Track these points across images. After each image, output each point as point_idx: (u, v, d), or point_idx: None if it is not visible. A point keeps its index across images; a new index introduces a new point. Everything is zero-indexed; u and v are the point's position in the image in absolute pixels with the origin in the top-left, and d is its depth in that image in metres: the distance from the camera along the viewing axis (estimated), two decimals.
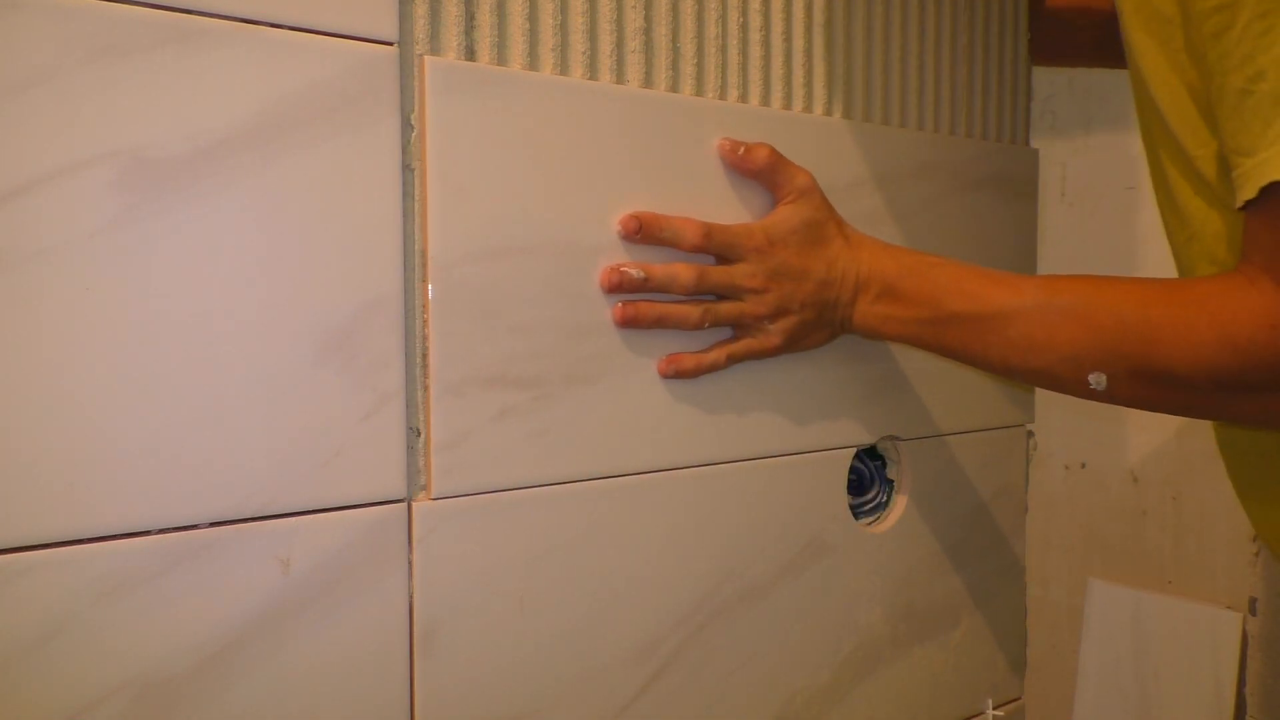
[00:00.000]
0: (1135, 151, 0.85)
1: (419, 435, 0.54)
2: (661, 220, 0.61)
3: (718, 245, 0.62)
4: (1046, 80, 0.92)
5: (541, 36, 0.58)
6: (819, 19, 0.73)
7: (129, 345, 0.45)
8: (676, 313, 0.61)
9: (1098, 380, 0.54)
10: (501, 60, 0.57)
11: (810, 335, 0.66)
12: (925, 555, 0.81)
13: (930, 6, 0.81)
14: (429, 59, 0.53)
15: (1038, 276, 0.60)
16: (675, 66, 0.65)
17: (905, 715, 0.81)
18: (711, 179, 0.65)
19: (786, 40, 0.71)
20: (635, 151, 0.61)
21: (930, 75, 0.81)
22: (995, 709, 0.89)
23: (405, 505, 0.53)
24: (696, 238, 0.61)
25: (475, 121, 0.54)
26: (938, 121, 0.82)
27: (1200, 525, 0.83)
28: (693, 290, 0.61)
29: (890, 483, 0.80)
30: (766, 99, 0.70)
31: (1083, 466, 0.90)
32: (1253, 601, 0.79)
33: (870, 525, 0.78)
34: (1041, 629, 0.93)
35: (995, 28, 0.87)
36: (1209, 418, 0.56)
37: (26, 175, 0.42)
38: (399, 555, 0.53)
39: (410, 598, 0.53)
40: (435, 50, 0.54)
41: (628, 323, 0.60)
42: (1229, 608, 0.80)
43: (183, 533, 0.47)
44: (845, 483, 0.75)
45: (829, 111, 0.74)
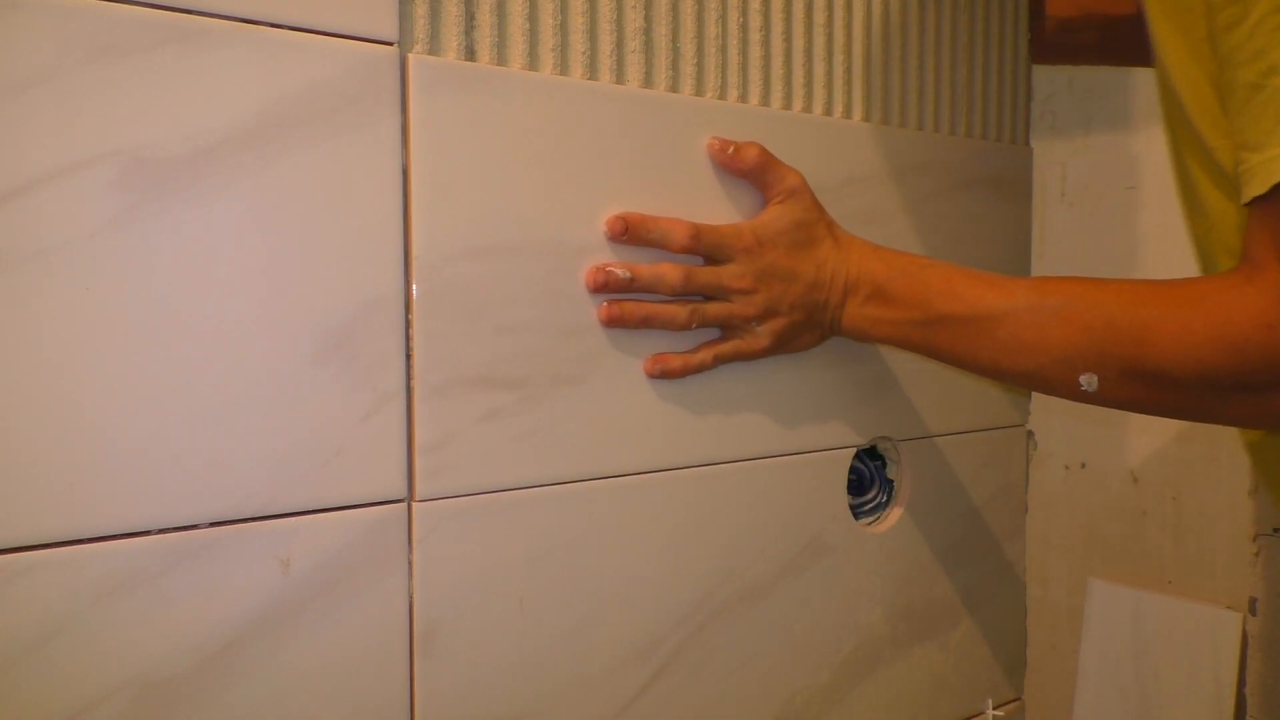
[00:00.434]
0: (1135, 151, 0.85)
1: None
2: (649, 221, 0.60)
3: (706, 246, 0.61)
4: (1046, 80, 0.92)
5: (541, 36, 0.58)
6: (819, 19, 0.73)
7: (129, 345, 0.45)
8: (663, 313, 0.60)
9: (1089, 381, 0.53)
10: (501, 60, 0.57)
11: (799, 337, 0.65)
12: (925, 555, 0.81)
13: (930, 7, 0.81)
14: (413, 57, 0.52)
15: (1028, 278, 0.60)
16: (675, 66, 0.65)
17: (905, 715, 0.81)
18: (703, 179, 0.65)
19: (786, 40, 0.71)
20: (625, 151, 0.61)
21: (930, 75, 0.81)
22: (995, 709, 0.89)
23: (405, 505, 0.53)
24: (685, 238, 0.60)
25: (461, 120, 0.54)
26: (938, 121, 0.82)
27: (1200, 525, 0.83)
28: (680, 291, 0.60)
29: (890, 483, 0.80)
30: (766, 99, 0.70)
31: (1083, 466, 0.90)
32: (1253, 601, 0.79)
33: (870, 525, 0.78)
34: (1041, 629, 0.93)
35: (995, 28, 0.87)
36: (1200, 419, 0.56)
37: (26, 175, 0.42)
38: (399, 555, 0.53)
39: (410, 598, 0.53)
40: (435, 50, 0.54)
41: (613, 322, 0.59)
42: (1229, 608, 0.80)
43: (183, 533, 0.47)
44: (845, 483, 0.75)
45: (828, 111, 0.74)
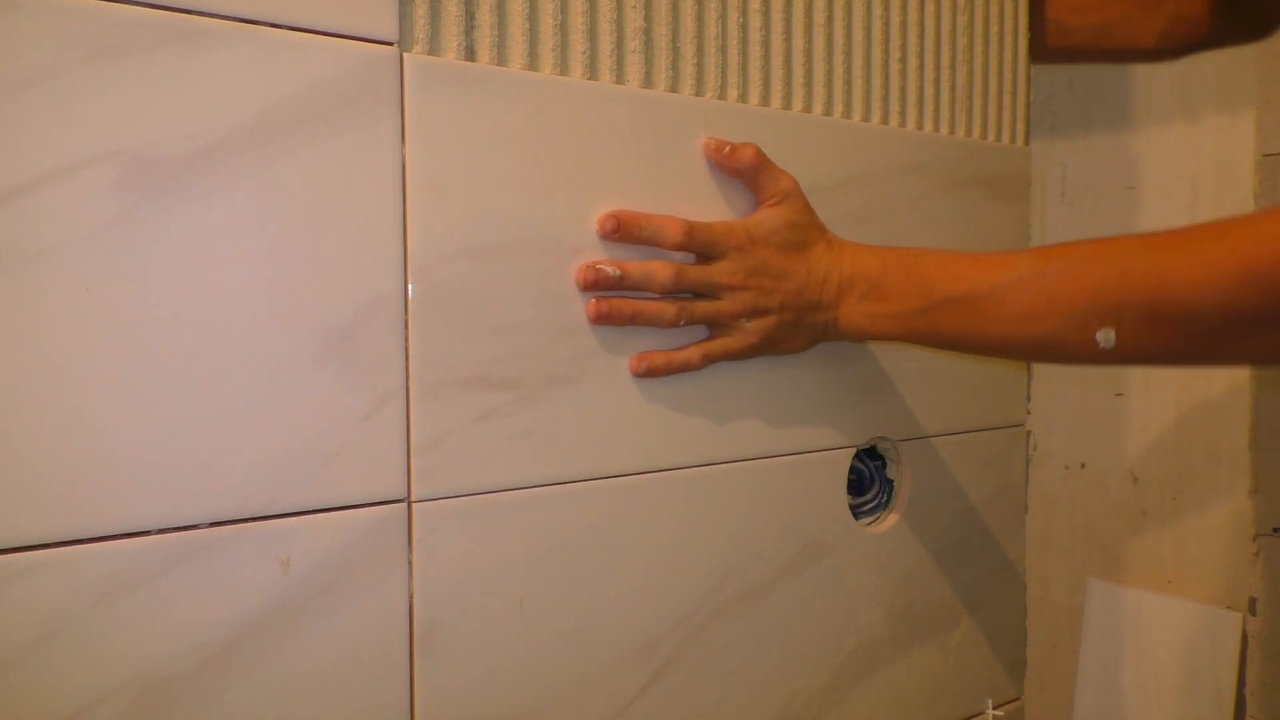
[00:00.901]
0: (1135, 151, 0.85)
1: None
2: (641, 219, 0.60)
3: (699, 243, 0.61)
4: (1046, 80, 0.92)
5: (541, 36, 0.58)
6: (819, 19, 0.73)
7: (129, 345, 0.45)
8: (651, 310, 0.60)
9: (1105, 337, 0.51)
10: (501, 60, 0.57)
11: (789, 339, 0.65)
12: (925, 555, 0.81)
13: (930, 7, 0.81)
14: (408, 57, 0.53)
15: (1030, 249, 0.58)
16: (675, 66, 0.65)
17: (905, 715, 0.81)
18: (702, 180, 0.65)
19: (786, 40, 0.71)
20: (624, 151, 0.61)
21: (930, 75, 0.81)
22: (995, 709, 0.89)
23: (405, 505, 0.53)
24: (678, 236, 0.60)
25: (456, 120, 0.54)
26: (937, 122, 0.82)
27: (1200, 525, 0.83)
28: (670, 288, 0.60)
29: (890, 483, 0.80)
30: (766, 99, 0.70)
31: (1083, 466, 0.90)
32: (1253, 601, 0.79)
33: (870, 525, 0.78)
34: (1041, 629, 0.93)
35: (995, 28, 0.87)
36: (1219, 362, 0.54)
37: (26, 175, 0.42)
38: (399, 555, 0.53)
39: (410, 598, 0.53)
40: (435, 50, 0.54)
41: (601, 319, 0.59)
42: (1229, 608, 0.80)
43: (183, 533, 0.47)
44: (845, 483, 0.75)
45: (828, 112, 0.74)
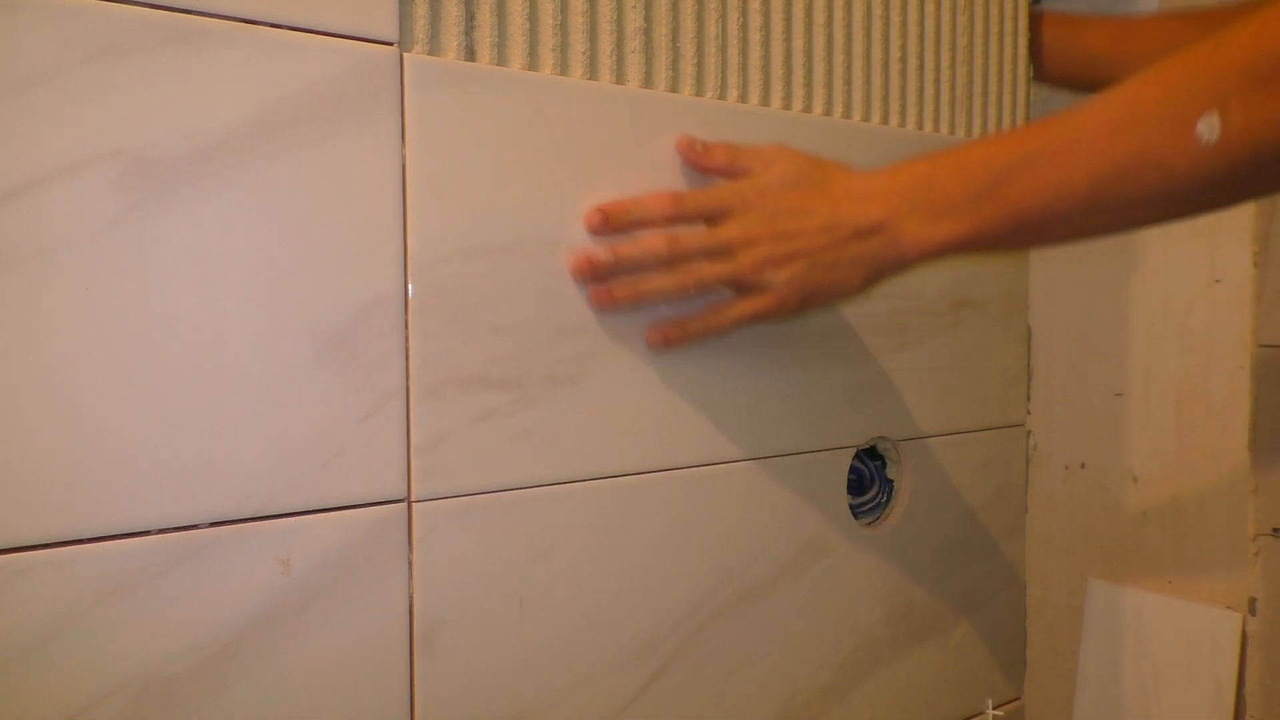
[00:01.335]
0: None
1: None
2: (626, 204, 0.56)
3: (694, 210, 0.57)
4: None
5: (541, 36, 0.58)
6: (819, 19, 0.73)
7: (129, 345, 0.45)
8: (656, 286, 0.56)
9: (1209, 125, 0.43)
10: (501, 60, 0.57)
11: (836, 280, 0.56)
12: (925, 555, 0.81)
13: (930, 7, 0.81)
14: (408, 57, 0.53)
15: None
16: (675, 66, 0.65)
17: (905, 715, 0.81)
18: (700, 178, 0.65)
19: (786, 40, 0.71)
20: (621, 151, 0.61)
21: (930, 76, 0.81)
22: (995, 709, 0.89)
23: (405, 505, 0.53)
24: (668, 208, 0.56)
25: (456, 120, 0.54)
26: (937, 122, 0.82)
27: (1200, 525, 0.83)
28: (668, 258, 0.56)
29: (890, 483, 0.80)
30: (766, 99, 0.70)
31: (1083, 466, 0.90)
32: (1253, 601, 0.79)
33: (870, 525, 0.78)
34: (1041, 629, 0.93)
35: (995, 28, 0.87)
36: None
37: (26, 175, 0.42)
38: (399, 555, 0.53)
39: (410, 598, 0.53)
40: (435, 50, 0.54)
41: (604, 306, 0.56)
42: (1229, 608, 0.80)
43: (183, 533, 0.47)
44: (845, 483, 0.75)
45: (828, 112, 0.74)
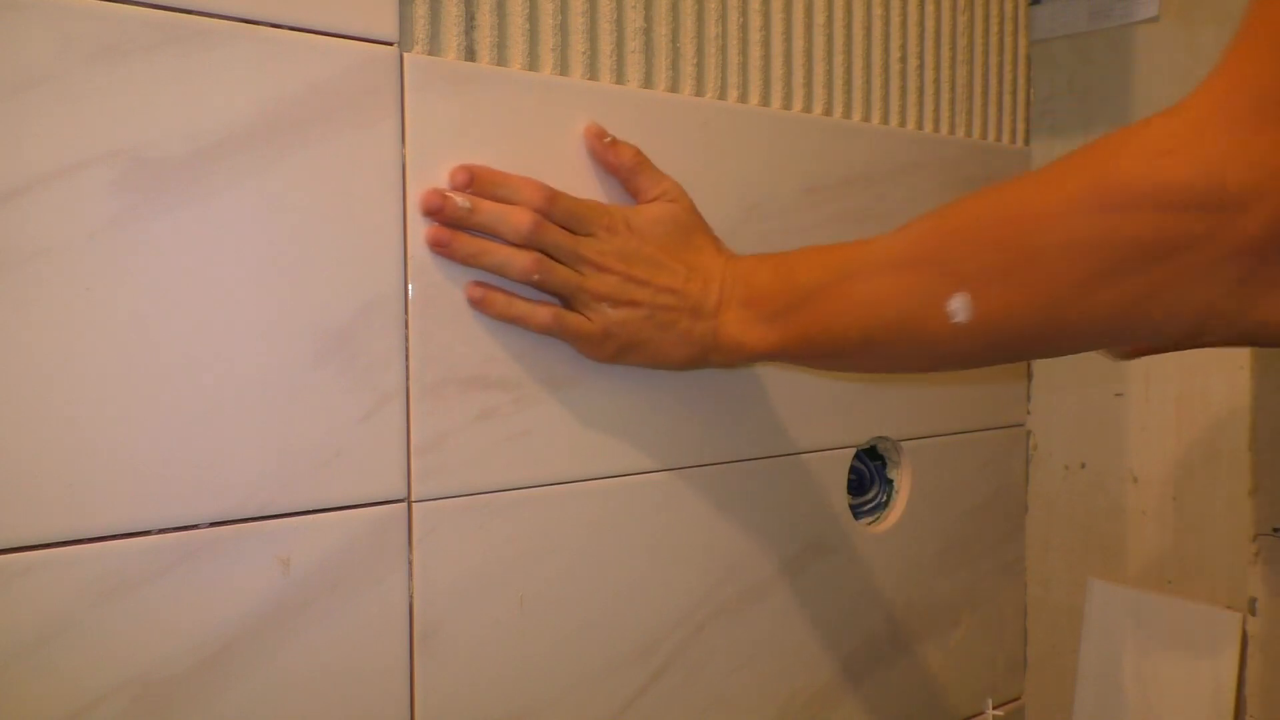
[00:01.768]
0: None
1: None
2: (498, 175, 0.54)
3: (563, 213, 0.55)
4: (1046, 80, 0.92)
5: (541, 36, 0.58)
6: (819, 19, 0.73)
7: (129, 345, 0.45)
8: (500, 253, 0.54)
9: (960, 305, 0.43)
10: (501, 60, 0.57)
11: (661, 343, 0.57)
12: (925, 555, 0.81)
13: (930, 7, 0.81)
14: (408, 56, 0.53)
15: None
16: (675, 66, 0.65)
17: (905, 715, 0.81)
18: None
19: (786, 40, 0.71)
20: None
21: (930, 76, 0.81)
22: (995, 709, 0.89)
23: (405, 505, 0.53)
24: (538, 199, 0.54)
25: (456, 119, 0.54)
26: (937, 122, 0.82)
27: (1200, 525, 0.83)
28: (526, 237, 0.53)
29: (890, 483, 0.80)
30: (766, 99, 0.70)
31: (1083, 466, 0.90)
32: (1253, 601, 0.79)
33: (870, 525, 0.78)
34: (1041, 629, 0.93)
35: (995, 28, 0.87)
36: (1079, 331, 0.44)
37: (26, 175, 0.42)
38: (399, 555, 0.53)
39: (410, 598, 0.53)
40: (435, 50, 0.54)
41: (438, 247, 0.53)
42: (1229, 608, 0.80)
43: (183, 533, 0.47)
44: (845, 483, 0.75)
45: (828, 111, 0.74)
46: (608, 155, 0.59)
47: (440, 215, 0.53)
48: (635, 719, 0.63)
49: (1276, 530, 0.78)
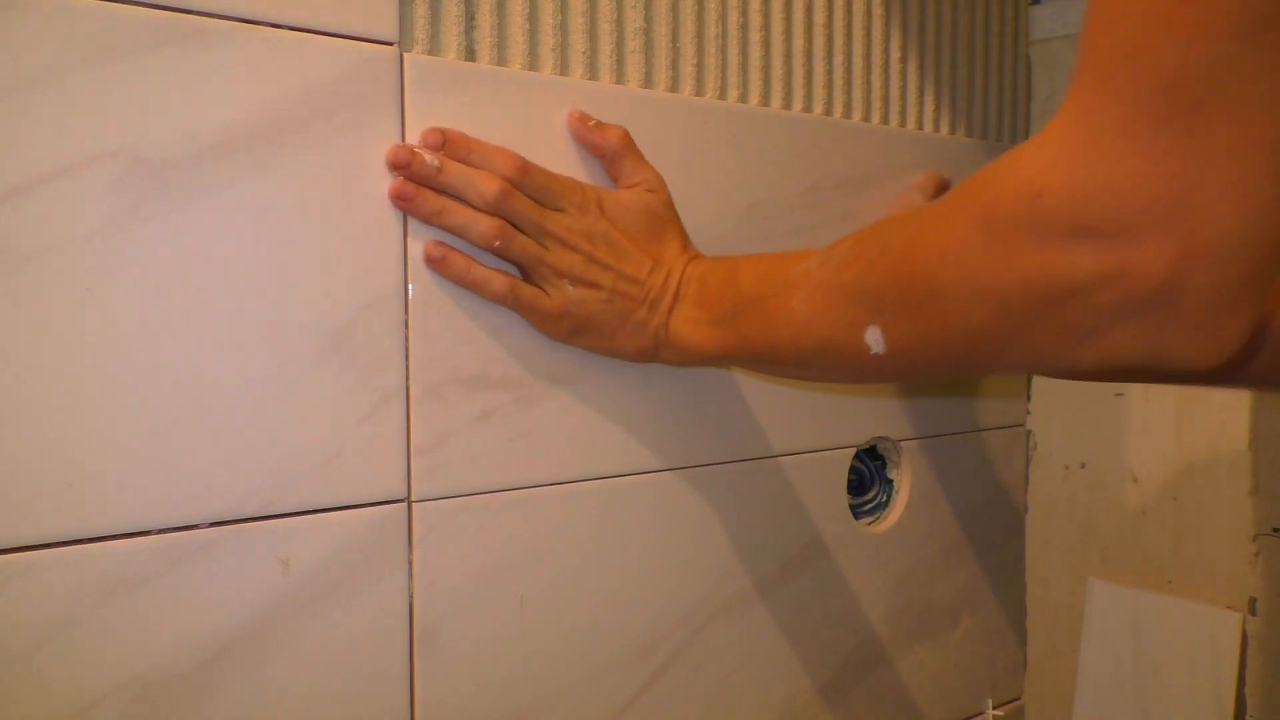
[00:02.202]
0: None
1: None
2: (471, 141, 0.53)
3: (534, 185, 0.54)
4: (1046, 80, 0.92)
5: (541, 36, 0.58)
6: (819, 19, 0.73)
7: (129, 345, 0.45)
8: (463, 214, 0.53)
9: (874, 339, 0.43)
10: (501, 60, 0.57)
11: (614, 330, 0.56)
12: (925, 555, 0.81)
13: (930, 7, 0.81)
14: (408, 57, 0.53)
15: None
16: (675, 66, 0.65)
17: (905, 715, 0.81)
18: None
19: (786, 40, 0.71)
20: None
21: (930, 75, 0.81)
22: (995, 709, 0.89)
23: (405, 505, 0.53)
24: (510, 169, 0.53)
25: (456, 119, 0.54)
26: (938, 122, 0.82)
27: (1200, 525, 0.83)
28: (492, 203, 0.52)
29: (890, 483, 0.80)
30: (766, 99, 0.70)
31: (1083, 466, 0.90)
32: (1253, 601, 0.79)
33: (870, 525, 0.78)
34: (1041, 629, 0.93)
35: (995, 28, 0.87)
36: (996, 367, 0.43)
37: (26, 175, 0.42)
38: (399, 555, 0.53)
39: (410, 598, 0.53)
40: (435, 50, 0.54)
41: (400, 200, 0.52)
42: (1229, 608, 0.80)
43: (183, 533, 0.47)
44: (845, 483, 0.75)
45: (829, 111, 0.74)
46: (593, 137, 0.59)
47: (406, 170, 0.52)
48: (635, 719, 0.63)
49: (1276, 530, 0.78)
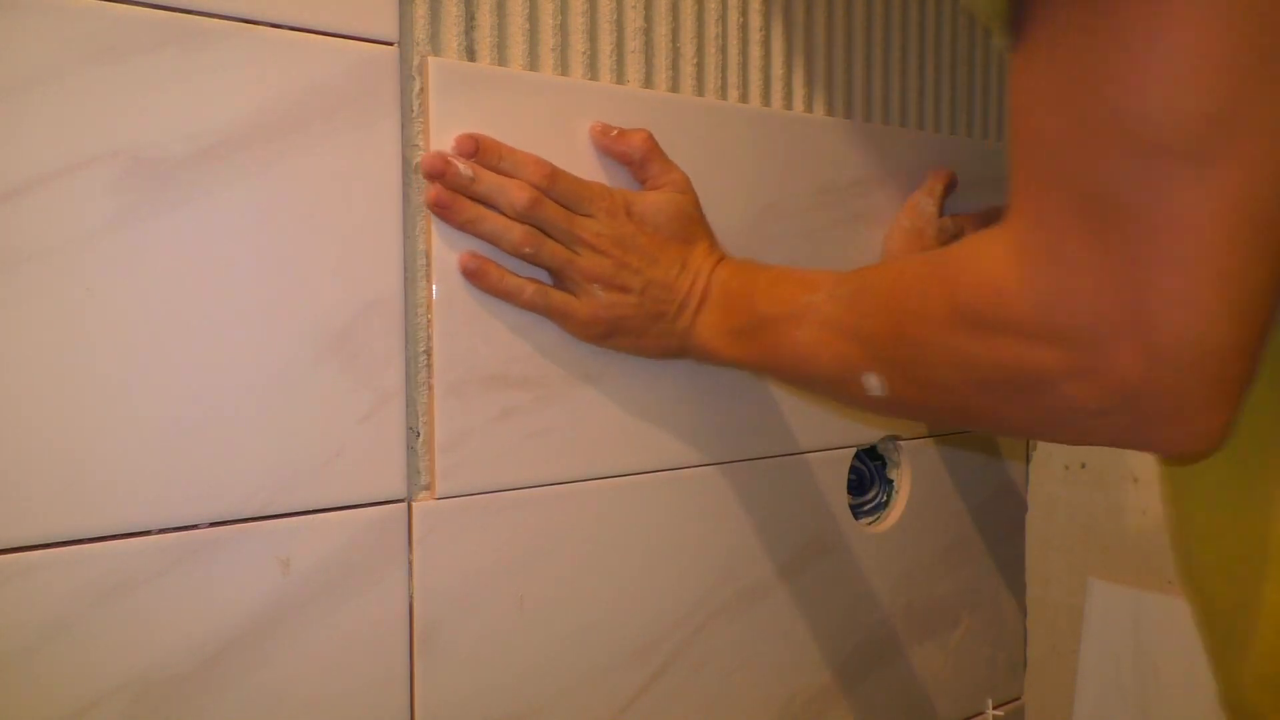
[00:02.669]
0: None
1: (418, 436, 0.54)
2: (503, 148, 0.54)
3: (562, 192, 0.55)
4: None
5: (541, 36, 0.58)
6: (819, 19, 0.73)
7: (129, 345, 0.45)
8: (497, 222, 0.54)
9: (872, 383, 0.46)
10: (501, 60, 0.57)
11: (643, 333, 0.58)
12: (925, 555, 0.81)
13: (931, 7, 0.81)
14: (432, 60, 0.53)
15: (849, 271, 0.52)
16: (675, 66, 0.65)
17: (905, 715, 0.81)
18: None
19: (786, 40, 0.71)
20: None
21: (930, 75, 0.81)
22: (995, 709, 0.89)
23: (405, 505, 0.53)
24: (539, 176, 0.54)
25: (478, 122, 0.54)
26: (938, 121, 0.82)
27: None
28: (523, 211, 0.54)
29: (890, 483, 0.80)
30: (766, 99, 0.70)
31: (1083, 466, 0.90)
32: None
33: (870, 525, 0.78)
34: (1041, 629, 0.93)
35: None
36: (1007, 431, 0.44)
37: (26, 175, 0.42)
38: (399, 555, 0.53)
39: (410, 598, 0.53)
40: (435, 50, 0.54)
41: (438, 208, 0.53)
42: None
43: (183, 533, 0.47)
44: (845, 483, 0.75)
45: (830, 112, 0.74)
46: (617, 145, 0.59)
47: (442, 180, 0.53)
48: (635, 719, 0.63)
49: None
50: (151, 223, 0.45)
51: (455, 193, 0.53)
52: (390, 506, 0.53)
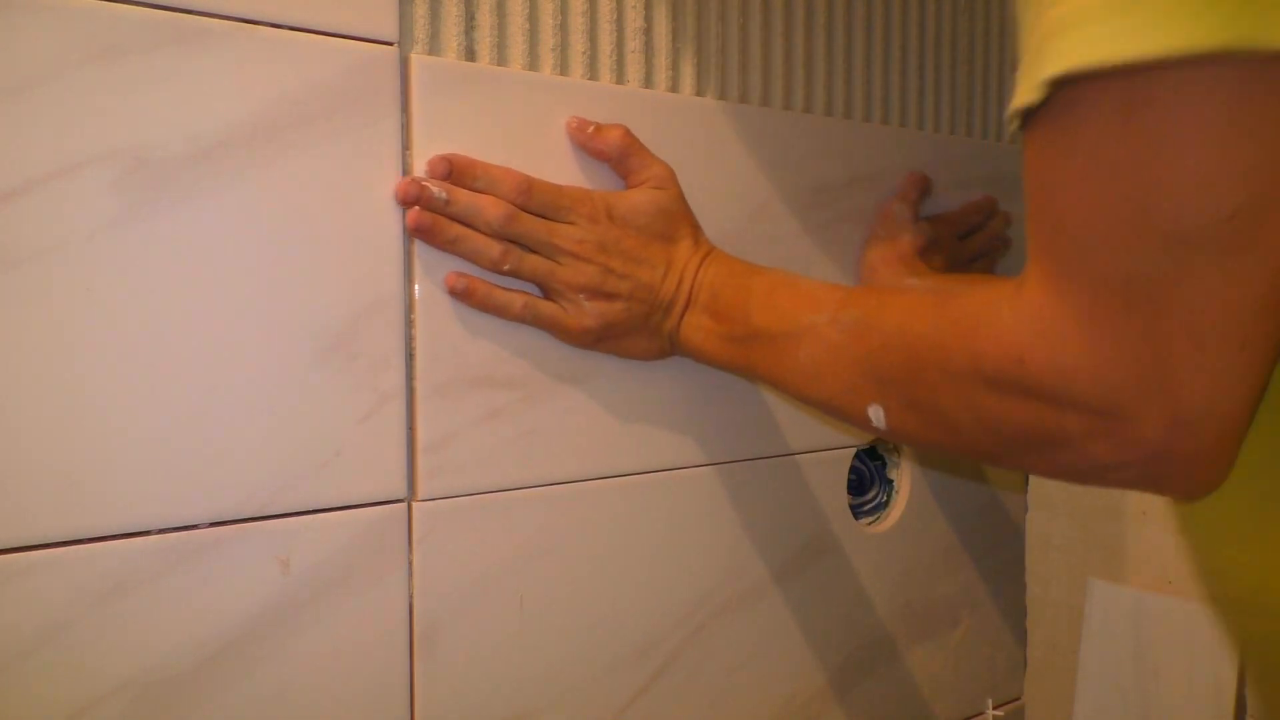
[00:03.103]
0: None
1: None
2: (477, 165, 0.54)
3: (540, 203, 0.55)
4: None
5: (541, 36, 0.58)
6: (819, 19, 0.73)
7: (129, 345, 0.45)
8: (474, 241, 0.54)
9: (876, 415, 0.47)
10: (501, 60, 0.57)
11: (634, 336, 0.58)
12: (925, 555, 0.81)
13: (930, 7, 0.81)
14: (415, 58, 0.53)
15: (846, 289, 0.53)
16: (675, 66, 0.65)
17: (905, 715, 0.81)
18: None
19: (786, 40, 0.71)
20: None
21: (930, 75, 0.81)
22: (995, 709, 0.89)
23: (405, 505, 0.53)
24: (513, 190, 0.54)
25: (463, 121, 0.54)
26: (938, 121, 0.82)
27: None
28: (499, 228, 0.53)
29: (890, 483, 0.80)
30: (766, 99, 0.70)
31: None
32: None
33: (870, 525, 0.78)
34: (1041, 629, 0.93)
35: (995, 28, 0.87)
36: (1012, 466, 0.46)
37: (26, 175, 0.42)
38: (399, 555, 0.53)
39: (410, 598, 0.53)
40: (435, 50, 0.54)
41: (418, 232, 0.52)
42: None
43: (183, 533, 0.47)
44: (845, 483, 0.75)
45: (829, 111, 0.74)
46: (594, 143, 0.59)
47: (418, 204, 0.52)
48: (635, 719, 0.63)
49: None
50: (152, 223, 0.45)
51: (434, 215, 0.53)
52: (390, 506, 0.53)
